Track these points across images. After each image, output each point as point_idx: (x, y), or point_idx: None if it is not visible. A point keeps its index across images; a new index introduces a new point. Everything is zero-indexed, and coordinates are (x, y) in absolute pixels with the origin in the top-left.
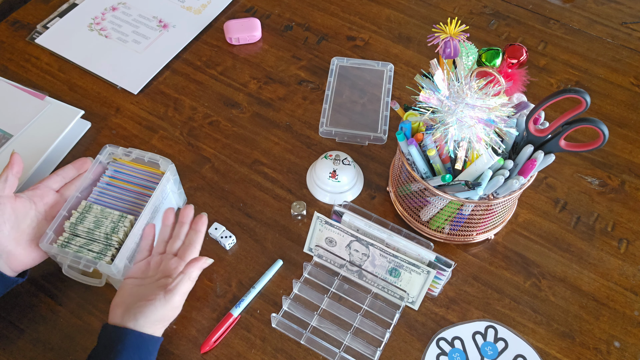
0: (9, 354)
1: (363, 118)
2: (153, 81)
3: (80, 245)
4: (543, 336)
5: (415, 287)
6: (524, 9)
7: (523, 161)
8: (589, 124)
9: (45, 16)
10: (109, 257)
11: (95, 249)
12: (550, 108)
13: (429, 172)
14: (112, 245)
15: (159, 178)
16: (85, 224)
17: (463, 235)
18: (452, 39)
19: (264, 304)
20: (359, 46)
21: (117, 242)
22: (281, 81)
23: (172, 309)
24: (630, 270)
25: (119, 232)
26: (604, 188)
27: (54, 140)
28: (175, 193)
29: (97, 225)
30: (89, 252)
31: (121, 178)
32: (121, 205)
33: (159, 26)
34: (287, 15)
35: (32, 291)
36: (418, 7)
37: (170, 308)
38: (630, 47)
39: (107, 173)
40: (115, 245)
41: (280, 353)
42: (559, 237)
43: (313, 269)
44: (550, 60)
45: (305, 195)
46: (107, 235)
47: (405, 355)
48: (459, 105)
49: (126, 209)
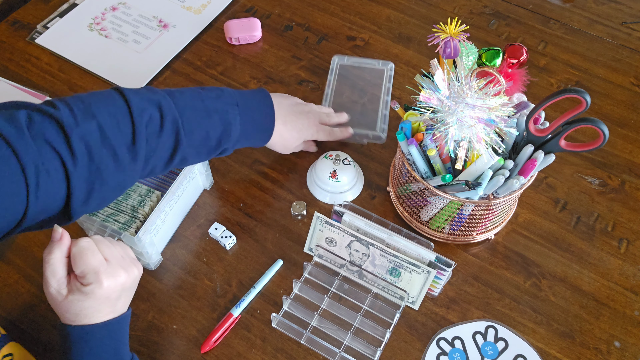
0: None
1: (362, 117)
2: (153, 81)
3: (107, 215)
4: (543, 336)
5: (416, 287)
6: (524, 9)
7: (523, 161)
8: (589, 124)
9: (45, 16)
10: (134, 229)
11: (121, 220)
12: (550, 108)
13: (429, 172)
14: (138, 218)
15: None
16: None
17: (463, 235)
18: (452, 39)
19: (264, 304)
20: (359, 46)
21: (142, 216)
22: (281, 81)
23: None
24: (630, 270)
25: (145, 206)
26: (604, 188)
27: None
28: (202, 174)
29: (125, 197)
30: (115, 223)
31: None
32: (150, 180)
33: (159, 26)
34: (287, 15)
35: (32, 291)
36: (418, 7)
37: None
38: (630, 47)
39: None
40: (141, 219)
41: (281, 353)
42: (559, 237)
43: (313, 269)
44: (550, 60)
45: (305, 195)
46: (133, 208)
47: (406, 355)
48: (459, 105)
49: (154, 185)
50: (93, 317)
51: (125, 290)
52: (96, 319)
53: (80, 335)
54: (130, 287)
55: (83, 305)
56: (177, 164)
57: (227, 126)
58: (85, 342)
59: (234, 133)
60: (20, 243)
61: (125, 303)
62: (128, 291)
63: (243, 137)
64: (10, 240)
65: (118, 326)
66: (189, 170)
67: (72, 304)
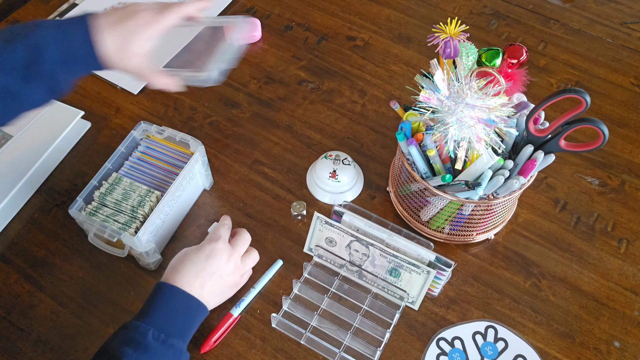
0: (9, 354)
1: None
2: None
3: (107, 215)
4: (543, 336)
5: (415, 287)
6: (524, 9)
7: (523, 161)
8: (589, 124)
9: (45, 16)
10: (133, 229)
11: (120, 220)
12: (550, 108)
13: (429, 172)
14: (137, 218)
15: (188, 158)
16: (113, 195)
17: (463, 235)
18: (452, 39)
19: (264, 304)
20: (359, 46)
21: (142, 216)
22: (281, 81)
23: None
24: (630, 270)
25: (144, 206)
26: (604, 188)
27: (54, 141)
28: (202, 174)
29: (125, 197)
30: (114, 223)
31: (152, 154)
32: (149, 180)
33: None
34: (287, 15)
35: (32, 291)
36: (418, 7)
37: None
38: (630, 47)
39: (139, 148)
40: (140, 219)
41: (280, 353)
42: (559, 237)
43: (313, 269)
44: (550, 60)
45: (305, 195)
46: (133, 208)
47: (405, 355)
48: (459, 105)
49: (154, 185)
50: (184, 282)
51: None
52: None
53: (164, 291)
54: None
55: (188, 257)
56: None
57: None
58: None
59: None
60: (20, 243)
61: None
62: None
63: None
64: (10, 240)
65: (196, 310)
66: (188, 170)
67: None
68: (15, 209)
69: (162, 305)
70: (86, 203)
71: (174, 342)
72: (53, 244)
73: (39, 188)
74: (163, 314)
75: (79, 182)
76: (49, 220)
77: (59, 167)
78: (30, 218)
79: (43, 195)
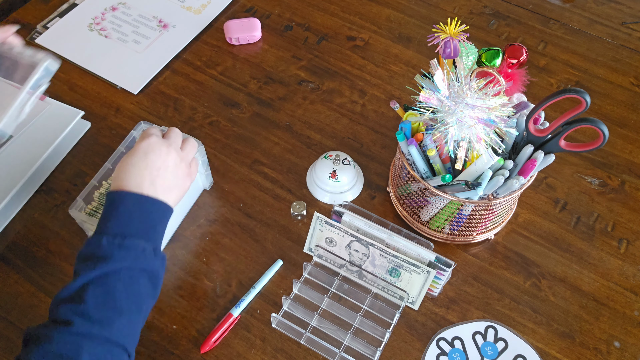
0: (9, 354)
1: None
2: (153, 81)
3: None
4: (543, 336)
5: (415, 287)
6: (524, 9)
7: (523, 161)
8: (589, 124)
9: (45, 16)
10: None
11: None
12: (550, 108)
13: (429, 172)
14: None
15: None
16: None
17: (463, 235)
18: (452, 39)
19: (264, 304)
20: (359, 46)
21: None
22: (281, 81)
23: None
24: (630, 270)
25: None
26: (604, 188)
27: (54, 141)
28: (202, 174)
29: None
30: None
31: None
32: None
33: (159, 26)
34: (287, 15)
35: (32, 291)
36: (418, 7)
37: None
38: (630, 47)
39: None
40: None
41: (280, 353)
42: (559, 237)
43: (313, 269)
44: (550, 60)
45: (305, 195)
46: None
47: (405, 355)
48: (459, 105)
49: None
50: (132, 184)
51: (167, 172)
52: (134, 189)
53: (112, 199)
54: (176, 179)
55: (127, 162)
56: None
57: None
58: (115, 206)
59: None
60: (20, 243)
61: (167, 193)
62: (170, 178)
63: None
64: (10, 240)
65: (151, 207)
66: None
67: (123, 160)
68: (15, 209)
69: (113, 212)
70: (86, 203)
71: (133, 242)
72: (53, 244)
73: (39, 188)
74: (115, 220)
75: (79, 182)
76: (49, 220)
77: (59, 167)
78: (30, 218)
79: (43, 195)
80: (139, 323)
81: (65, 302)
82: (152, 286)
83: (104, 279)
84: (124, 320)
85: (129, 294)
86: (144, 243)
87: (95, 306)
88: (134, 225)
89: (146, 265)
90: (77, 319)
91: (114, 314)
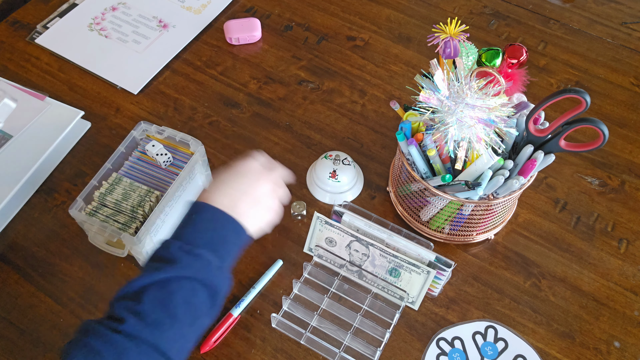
0: (9, 354)
1: None
2: (153, 81)
3: (107, 215)
4: (543, 336)
5: (415, 287)
6: (524, 9)
7: (523, 161)
8: (589, 124)
9: (45, 16)
10: (133, 229)
11: (120, 220)
12: (550, 108)
13: (429, 172)
14: (137, 218)
15: (188, 158)
16: (113, 196)
17: (463, 235)
18: (452, 39)
19: (264, 304)
20: (359, 46)
21: (142, 216)
22: (281, 81)
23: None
24: (630, 270)
25: (144, 206)
26: (604, 188)
27: (54, 141)
28: (202, 174)
29: (124, 197)
30: (114, 223)
31: None
32: (149, 180)
33: (159, 26)
34: (287, 15)
35: (31, 291)
36: (418, 7)
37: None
38: (630, 47)
39: (139, 148)
40: (140, 219)
41: (280, 353)
42: (559, 237)
43: (313, 269)
44: (550, 60)
45: (305, 195)
46: (133, 208)
47: (405, 355)
48: (459, 105)
49: (154, 185)
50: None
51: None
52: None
53: (194, 208)
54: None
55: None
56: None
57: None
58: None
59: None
60: (20, 243)
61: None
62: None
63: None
64: (10, 240)
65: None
66: (189, 170)
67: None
68: (16, 209)
69: (189, 220)
70: (86, 203)
71: (201, 252)
72: (53, 244)
73: (39, 188)
74: (189, 227)
75: (79, 182)
76: (49, 220)
77: (59, 167)
78: (31, 218)
79: (43, 195)
80: (190, 337)
81: (124, 299)
82: (211, 303)
83: (166, 283)
84: (176, 329)
85: (186, 304)
86: (211, 256)
87: (151, 308)
88: (205, 236)
89: (209, 279)
90: (130, 317)
91: (167, 319)
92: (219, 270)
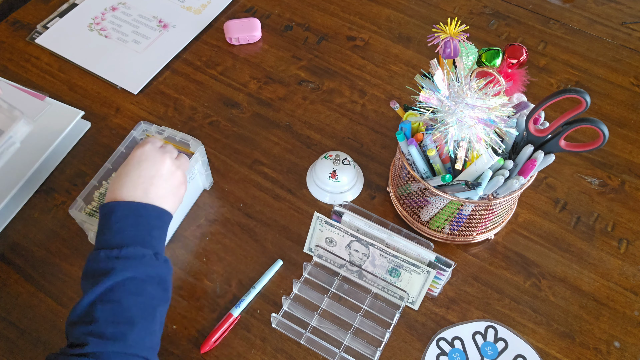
0: (9, 354)
1: None
2: (153, 81)
3: None
4: (543, 336)
5: (415, 287)
6: (524, 9)
7: (523, 161)
8: (589, 124)
9: (45, 16)
10: None
11: None
12: (550, 108)
13: (429, 172)
14: None
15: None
16: None
17: (463, 235)
18: (452, 39)
19: (264, 304)
20: (359, 46)
21: None
22: (281, 81)
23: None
24: (630, 270)
25: None
26: (604, 188)
27: (54, 141)
28: (202, 174)
29: None
30: None
31: None
32: None
33: (159, 26)
34: (287, 15)
35: (31, 291)
36: (418, 7)
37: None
38: (630, 47)
39: None
40: None
41: (280, 353)
42: (559, 237)
43: (313, 269)
44: (550, 60)
45: (305, 195)
46: None
47: (405, 355)
48: (459, 105)
49: None
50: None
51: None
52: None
53: (104, 211)
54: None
55: (121, 172)
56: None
57: None
58: (107, 218)
59: None
60: (20, 243)
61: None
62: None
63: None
64: (10, 240)
65: (144, 212)
66: (188, 171)
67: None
68: (15, 209)
69: (106, 224)
70: (86, 203)
71: (131, 251)
72: (53, 244)
73: (39, 188)
74: (109, 232)
75: (79, 182)
76: (49, 220)
77: (59, 167)
78: (30, 218)
79: (43, 195)
80: (155, 329)
81: (77, 324)
82: (162, 290)
83: (110, 293)
84: (138, 330)
85: (138, 303)
86: (142, 250)
87: (106, 323)
88: (128, 234)
89: (150, 272)
90: (90, 339)
91: (127, 326)
92: (154, 258)
